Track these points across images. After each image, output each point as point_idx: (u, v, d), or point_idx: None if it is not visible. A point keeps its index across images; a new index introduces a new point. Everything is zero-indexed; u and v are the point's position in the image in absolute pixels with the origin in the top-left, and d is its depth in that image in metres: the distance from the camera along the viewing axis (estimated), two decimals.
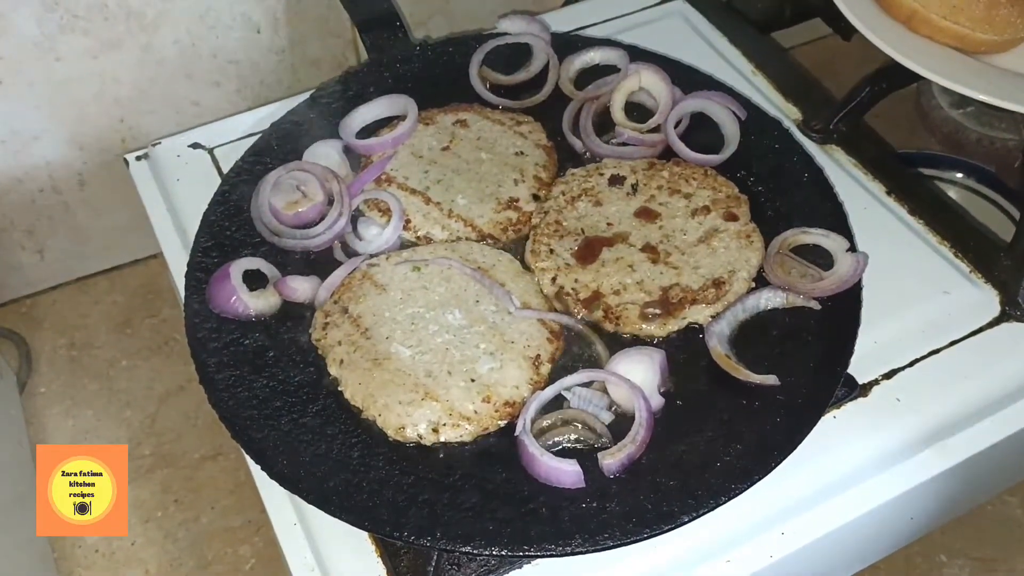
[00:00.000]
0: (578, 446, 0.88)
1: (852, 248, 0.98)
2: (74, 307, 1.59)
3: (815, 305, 0.94)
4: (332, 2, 1.31)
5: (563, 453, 0.86)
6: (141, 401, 1.47)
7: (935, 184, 1.23)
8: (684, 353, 0.95)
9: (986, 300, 1.05)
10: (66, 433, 1.44)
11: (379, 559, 0.89)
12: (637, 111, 1.15)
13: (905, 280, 1.07)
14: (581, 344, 0.96)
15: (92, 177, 1.50)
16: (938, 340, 1.02)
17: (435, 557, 0.85)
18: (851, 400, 0.98)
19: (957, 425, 0.97)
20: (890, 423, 0.97)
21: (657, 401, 0.89)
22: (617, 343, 0.95)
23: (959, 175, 1.45)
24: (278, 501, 0.93)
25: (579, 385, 0.90)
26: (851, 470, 0.94)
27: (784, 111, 1.26)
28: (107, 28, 1.35)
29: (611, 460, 0.84)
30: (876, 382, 1.00)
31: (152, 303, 1.57)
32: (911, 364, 1.01)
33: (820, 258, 0.99)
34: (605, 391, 0.90)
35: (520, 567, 0.88)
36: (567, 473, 0.83)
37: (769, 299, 0.96)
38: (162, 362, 1.51)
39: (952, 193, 1.44)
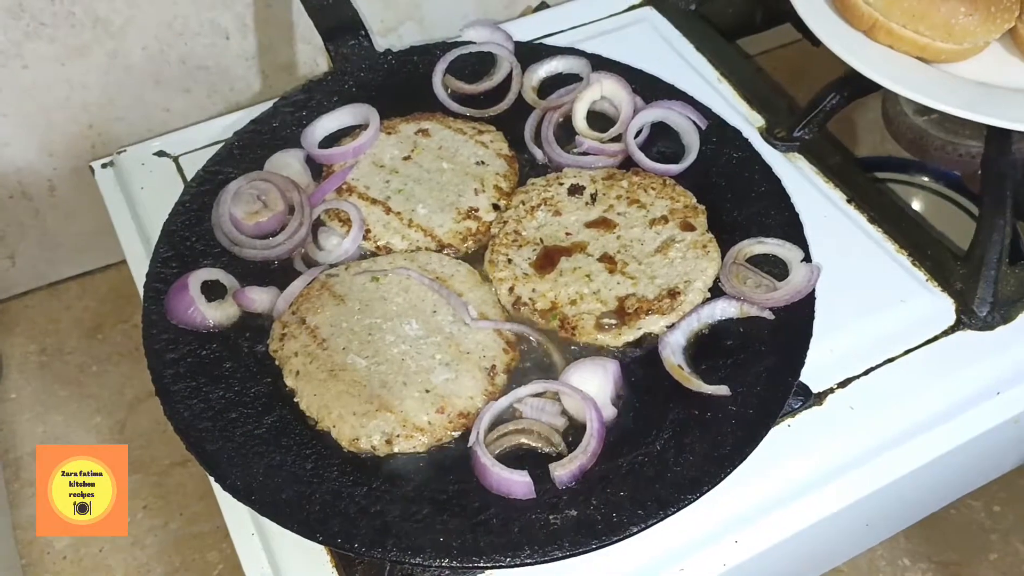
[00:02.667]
0: (533, 454, 0.89)
1: (807, 258, 0.99)
2: (45, 312, 1.59)
3: (768, 315, 0.95)
4: (301, 8, 1.31)
5: (517, 463, 0.87)
6: (111, 407, 1.47)
7: (895, 193, 1.24)
8: (638, 363, 0.95)
9: (942, 308, 1.06)
10: (36, 439, 1.44)
11: (334, 569, 0.90)
12: (599, 120, 1.16)
13: (863, 288, 1.07)
14: (537, 354, 0.97)
15: (62, 183, 1.50)
16: (893, 349, 1.03)
17: (387, 568, 0.86)
18: (806, 409, 0.99)
19: (910, 433, 0.98)
20: (844, 431, 0.98)
21: (610, 412, 0.90)
22: (573, 352, 0.96)
23: (925, 179, 1.45)
24: (236, 512, 0.94)
25: (532, 396, 0.90)
26: (805, 478, 0.95)
27: (748, 118, 1.26)
28: (74, 35, 1.35)
29: (562, 471, 0.85)
30: (831, 391, 1.00)
31: (123, 308, 1.57)
32: (866, 373, 1.02)
33: (776, 268, 1.00)
34: (558, 399, 0.91)
35: None
36: (518, 484, 0.84)
37: (724, 309, 0.96)
38: (132, 368, 1.51)
39: (921, 197, 1.45)
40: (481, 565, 0.82)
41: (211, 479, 0.88)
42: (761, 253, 1.01)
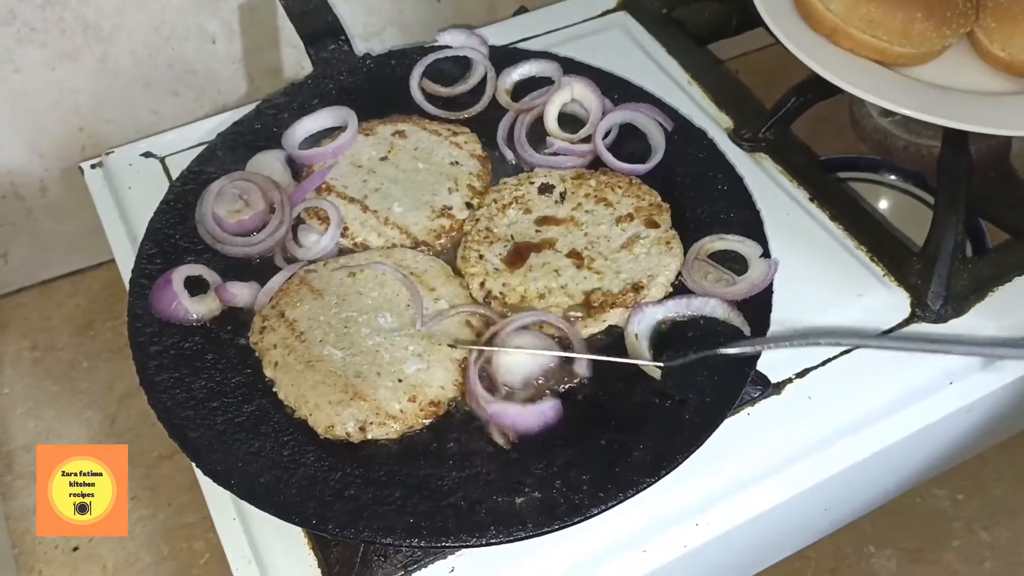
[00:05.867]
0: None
1: (765, 254, 1.03)
2: (37, 310, 1.63)
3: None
4: (285, 14, 1.35)
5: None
6: (101, 402, 1.51)
7: (855, 192, 1.28)
8: (603, 352, 0.99)
9: (897, 302, 1.11)
10: (28, 434, 1.48)
11: (311, 551, 0.94)
12: (570, 122, 1.20)
13: (823, 283, 1.12)
14: None
15: (53, 184, 1.54)
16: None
17: (361, 549, 0.90)
18: (764, 398, 1.03)
19: (866, 421, 1.02)
20: (801, 420, 1.02)
21: None
22: None
23: (893, 177, 1.50)
24: (218, 497, 0.98)
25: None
26: (763, 464, 0.99)
27: (717, 120, 1.31)
28: (64, 40, 1.39)
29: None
30: (789, 380, 1.05)
31: (113, 306, 1.60)
32: (823, 363, 1.06)
33: (737, 263, 1.04)
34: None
35: (444, 557, 0.93)
36: (549, 410, 0.90)
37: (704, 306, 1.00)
38: (122, 363, 1.54)
39: (890, 195, 1.49)
40: (449, 545, 0.86)
41: (193, 465, 0.92)
42: (722, 249, 1.05)
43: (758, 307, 1.00)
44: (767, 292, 1.00)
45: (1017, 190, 1.31)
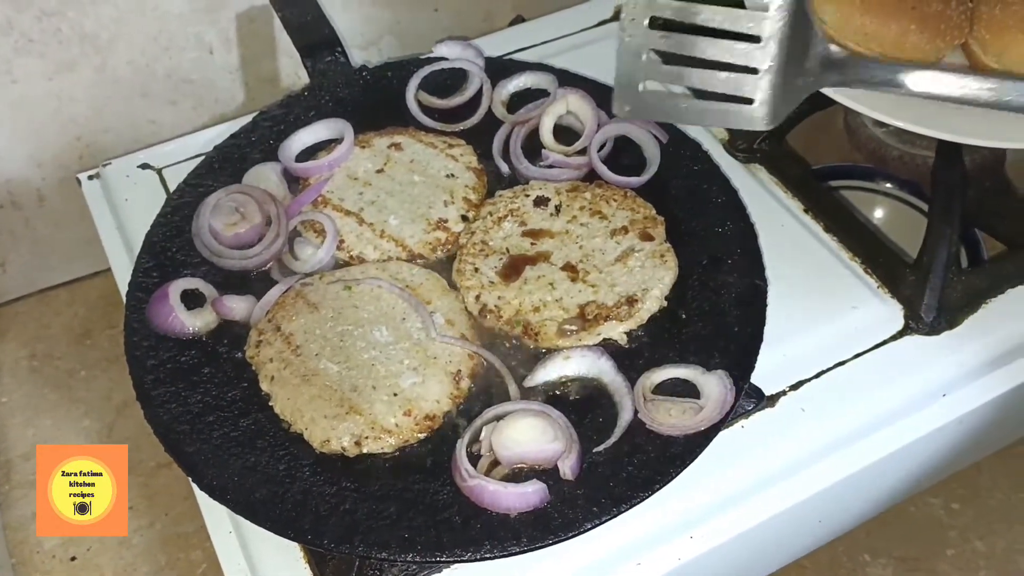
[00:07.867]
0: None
1: (707, 369, 0.96)
2: (36, 318, 1.63)
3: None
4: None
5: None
6: (99, 411, 1.51)
7: (850, 203, 1.29)
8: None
9: (891, 314, 1.11)
10: (26, 442, 1.48)
11: (307, 565, 0.94)
12: (566, 134, 1.20)
13: (817, 295, 1.12)
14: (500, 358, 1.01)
15: (51, 193, 1.54)
16: (844, 353, 1.08)
17: (357, 563, 0.91)
18: (758, 411, 1.03)
19: (859, 433, 1.02)
20: (795, 432, 1.02)
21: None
22: (536, 359, 1.00)
23: (889, 186, 1.50)
24: (215, 511, 0.98)
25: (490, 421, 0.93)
26: (757, 476, 1.00)
27: (712, 131, 1.31)
28: (62, 50, 1.40)
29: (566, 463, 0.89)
30: (783, 393, 1.05)
31: (111, 314, 1.61)
32: (817, 376, 1.06)
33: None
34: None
35: (439, 571, 0.93)
36: (533, 494, 0.87)
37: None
38: (120, 372, 1.52)
39: (887, 204, 1.50)
40: (443, 560, 0.87)
41: (189, 479, 0.92)
42: (665, 379, 0.97)
43: (750, 325, 1.00)
44: (760, 304, 1.01)
45: (1011, 200, 1.31)
